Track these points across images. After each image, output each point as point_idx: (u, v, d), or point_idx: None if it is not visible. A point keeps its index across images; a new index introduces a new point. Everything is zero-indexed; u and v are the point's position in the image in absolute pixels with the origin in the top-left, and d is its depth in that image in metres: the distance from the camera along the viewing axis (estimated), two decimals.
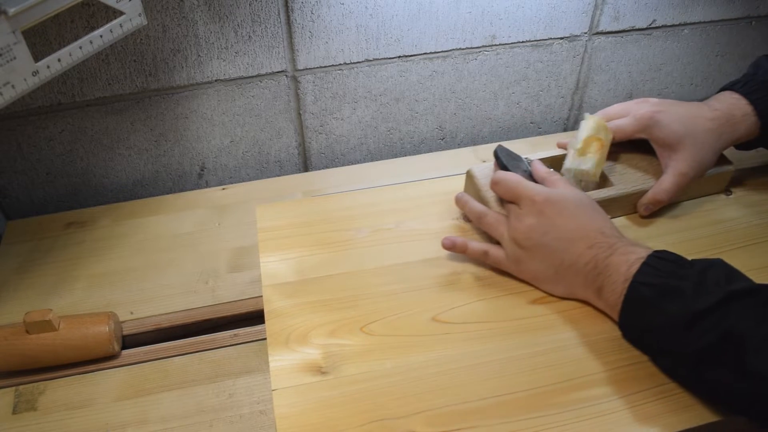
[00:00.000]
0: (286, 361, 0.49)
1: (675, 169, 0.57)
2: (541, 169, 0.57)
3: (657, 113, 0.58)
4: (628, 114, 0.60)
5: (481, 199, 0.59)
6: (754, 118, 0.57)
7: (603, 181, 0.61)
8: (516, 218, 0.53)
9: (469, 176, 0.61)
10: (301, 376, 0.48)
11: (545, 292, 0.53)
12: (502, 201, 0.57)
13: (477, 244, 0.55)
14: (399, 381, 0.47)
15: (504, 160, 0.58)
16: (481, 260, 0.56)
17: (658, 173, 0.60)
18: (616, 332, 0.50)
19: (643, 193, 0.60)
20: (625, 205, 0.61)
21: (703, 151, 0.57)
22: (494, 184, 0.56)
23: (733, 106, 0.58)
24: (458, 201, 0.60)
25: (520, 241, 0.52)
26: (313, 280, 0.56)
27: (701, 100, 0.61)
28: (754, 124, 0.57)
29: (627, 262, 0.47)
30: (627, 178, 0.61)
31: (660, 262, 0.46)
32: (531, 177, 0.57)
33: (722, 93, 0.60)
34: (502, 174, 0.56)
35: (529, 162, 0.59)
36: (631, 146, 0.62)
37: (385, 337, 0.51)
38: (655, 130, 0.58)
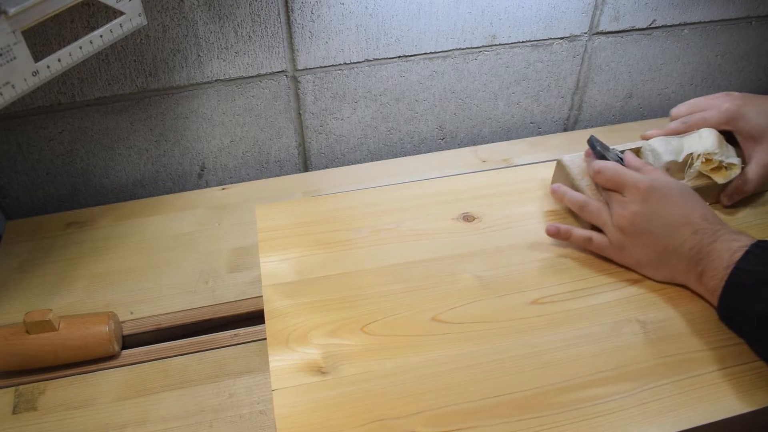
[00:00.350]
0: (286, 361, 0.49)
1: (759, 160, 0.59)
2: (635, 160, 0.59)
3: (742, 106, 0.60)
4: (711, 108, 0.62)
5: (576, 188, 0.60)
6: None
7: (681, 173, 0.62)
8: (620, 206, 0.54)
9: (560, 166, 0.63)
10: (301, 376, 0.48)
11: (646, 276, 0.55)
12: (600, 189, 0.59)
13: (581, 231, 0.57)
14: (399, 381, 0.47)
15: (600, 150, 0.59)
16: (584, 246, 0.58)
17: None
18: (618, 332, 0.50)
19: (728, 183, 0.61)
20: (710, 195, 0.62)
21: None
22: (596, 174, 0.58)
23: None
24: (555, 193, 0.61)
25: (625, 227, 0.54)
26: (313, 280, 0.56)
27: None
28: None
29: (730, 249, 0.48)
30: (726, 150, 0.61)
31: (764, 251, 0.47)
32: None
33: None
34: (603, 163, 0.57)
35: (619, 153, 0.60)
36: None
37: (385, 337, 0.51)
38: (740, 122, 0.60)
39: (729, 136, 0.62)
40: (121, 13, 0.53)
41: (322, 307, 0.53)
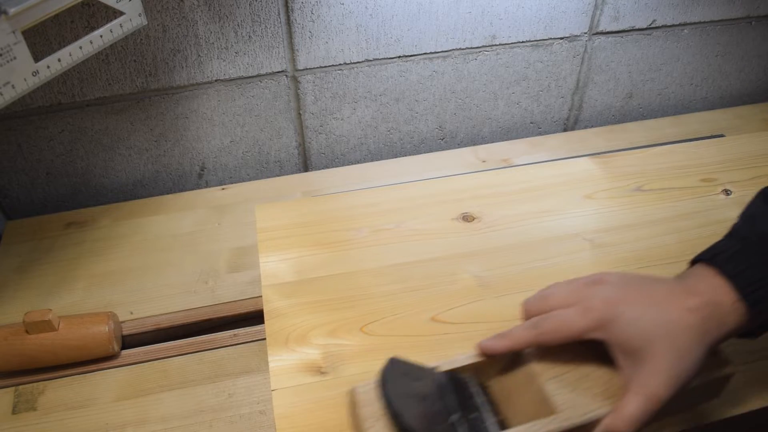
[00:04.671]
0: (285, 361, 0.49)
1: (642, 387, 0.38)
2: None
3: (616, 305, 0.40)
4: (577, 302, 0.41)
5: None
6: (745, 308, 0.39)
7: (542, 406, 0.41)
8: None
9: (352, 400, 0.43)
10: (301, 376, 0.48)
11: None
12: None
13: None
14: None
15: (394, 403, 0.39)
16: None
17: (618, 390, 0.41)
18: None
19: (597, 422, 0.40)
20: None
21: (682, 360, 0.38)
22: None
23: (719, 290, 0.39)
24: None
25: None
26: (312, 280, 0.56)
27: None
28: (745, 315, 0.39)
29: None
30: (576, 400, 0.40)
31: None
32: (442, 390, 0.41)
33: (698, 269, 0.41)
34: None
35: (438, 373, 0.43)
36: (582, 350, 0.42)
37: (385, 337, 0.51)
38: (613, 329, 0.39)
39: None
40: (121, 13, 0.53)
41: (322, 307, 0.53)
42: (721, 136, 0.81)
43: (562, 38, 0.78)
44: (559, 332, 0.41)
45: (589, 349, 0.42)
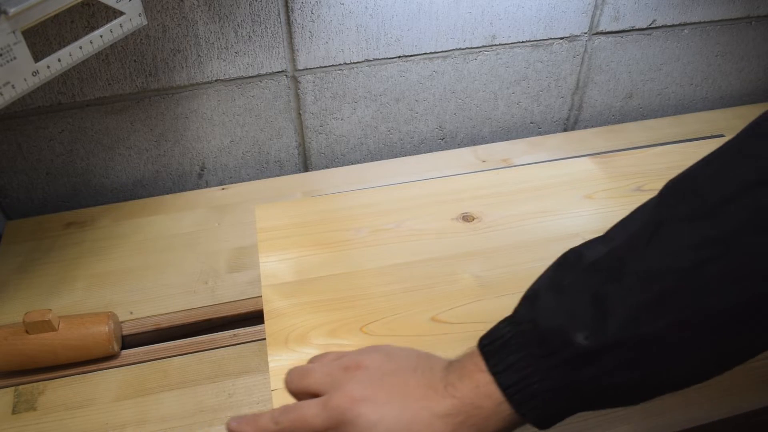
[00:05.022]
0: (285, 361, 0.49)
1: None
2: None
3: (356, 404, 0.35)
4: (329, 389, 0.37)
5: None
6: (511, 410, 0.33)
7: None
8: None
9: None
10: None
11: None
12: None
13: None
14: None
15: None
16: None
17: None
18: None
19: None
20: None
21: None
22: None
23: (481, 390, 0.34)
24: None
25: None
26: (312, 280, 0.56)
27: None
28: (512, 415, 0.33)
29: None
30: None
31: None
32: None
33: (473, 356, 0.36)
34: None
35: None
36: None
37: (385, 337, 0.51)
38: (350, 430, 0.35)
39: None
40: (121, 13, 0.53)
41: (322, 307, 0.53)
42: (721, 136, 0.81)
43: (562, 38, 0.78)
44: (299, 429, 0.36)
45: None
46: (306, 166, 0.82)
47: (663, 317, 0.30)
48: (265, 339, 0.52)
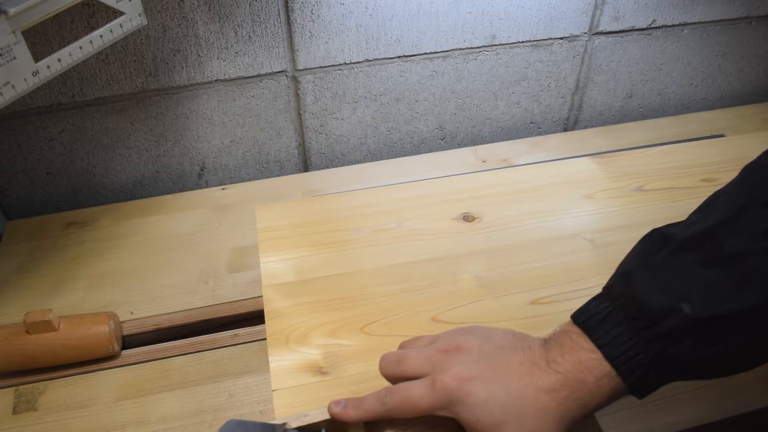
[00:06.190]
0: (286, 362, 0.49)
1: None
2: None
3: (465, 383, 0.37)
4: (430, 371, 0.39)
5: None
6: (617, 379, 0.35)
7: None
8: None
9: None
10: (302, 376, 0.48)
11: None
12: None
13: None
14: None
15: None
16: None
17: None
18: None
19: None
20: None
21: None
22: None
23: (583, 365, 0.36)
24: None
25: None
26: (313, 280, 0.56)
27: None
28: (618, 385, 0.35)
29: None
30: None
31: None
32: None
33: (568, 332, 0.38)
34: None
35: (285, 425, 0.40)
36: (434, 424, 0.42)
37: (386, 338, 0.51)
38: (461, 410, 0.36)
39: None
40: (121, 13, 0.53)
41: (322, 308, 0.53)
42: (722, 136, 0.81)
43: (562, 38, 0.78)
44: (406, 409, 0.38)
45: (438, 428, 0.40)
46: (306, 166, 0.82)
47: (753, 294, 0.32)
48: (265, 339, 0.52)
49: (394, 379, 0.41)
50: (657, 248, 0.37)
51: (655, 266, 0.36)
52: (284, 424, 0.40)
